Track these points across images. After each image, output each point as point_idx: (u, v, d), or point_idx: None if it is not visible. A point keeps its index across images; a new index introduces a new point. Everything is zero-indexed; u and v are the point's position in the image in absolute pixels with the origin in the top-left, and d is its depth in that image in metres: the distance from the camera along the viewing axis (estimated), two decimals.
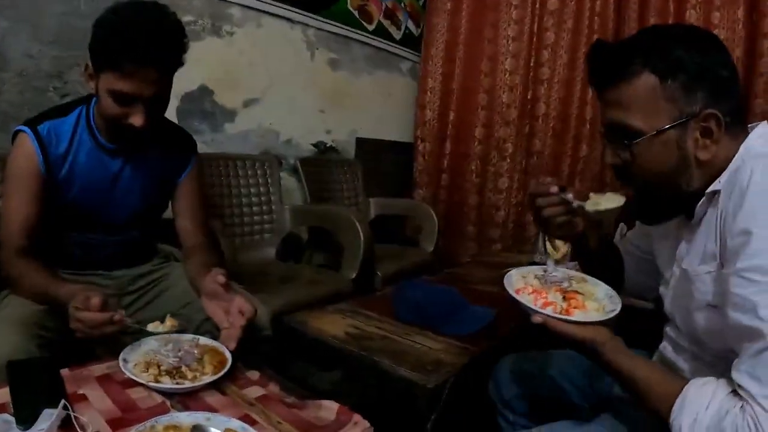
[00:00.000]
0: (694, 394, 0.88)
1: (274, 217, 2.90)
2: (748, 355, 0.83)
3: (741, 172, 0.91)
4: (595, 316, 1.04)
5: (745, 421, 0.79)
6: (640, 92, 0.99)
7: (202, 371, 1.15)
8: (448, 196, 4.14)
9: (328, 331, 1.64)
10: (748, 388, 0.81)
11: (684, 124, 0.97)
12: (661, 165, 1.01)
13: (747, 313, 0.83)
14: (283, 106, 3.21)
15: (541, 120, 3.87)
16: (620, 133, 1.02)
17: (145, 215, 1.62)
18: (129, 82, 1.27)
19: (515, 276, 1.16)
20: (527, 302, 1.05)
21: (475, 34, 4.01)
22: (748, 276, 0.84)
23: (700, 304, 1.01)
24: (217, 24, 2.80)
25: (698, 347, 1.06)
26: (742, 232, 0.86)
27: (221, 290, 1.31)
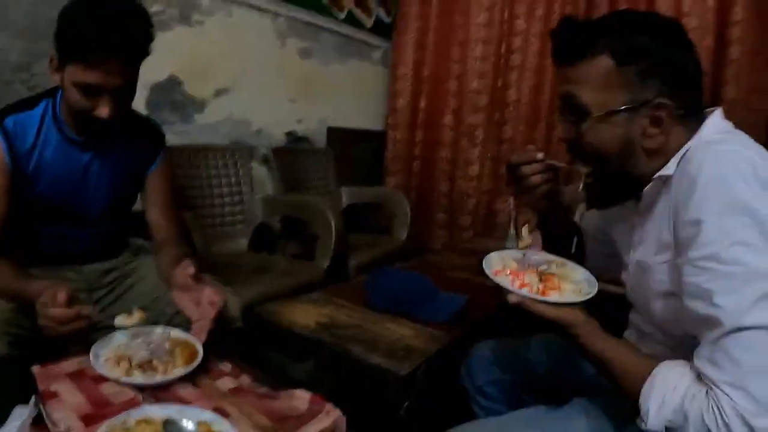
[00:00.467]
0: (663, 377, 0.89)
1: (245, 207, 2.89)
2: (707, 342, 0.85)
3: (691, 160, 0.92)
4: (570, 297, 1.04)
5: (709, 407, 0.81)
6: (596, 73, 1.00)
7: (173, 364, 1.16)
8: (419, 183, 4.14)
9: (299, 321, 1.64)
10: (709, 374, 0.83)
11: (634, 110, 0.98)
12: (606, 146, 1.02)
13: (702, 301, 0.85)
14: (254, 96, 3.19)
15: (512, 107, 3.87)
16: (571, 109, 1.04)
17: (115, 208, 1.61)
18: (94, 73, 1.26)
19: (494, 258, 1.16)
20: (504, 283, 1.04)
21: (446, 21, 4.00)
22: (701, 264, 0.85)
23: (657, 292, 1.03)
24: (186, 13, 2.76)
25: (660, 333, 1.08)
26: (693, 222, 0.87)
27: (191, 282, 1.32)
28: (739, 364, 0.80)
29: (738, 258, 0.82)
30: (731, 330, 0.80)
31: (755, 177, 0.84)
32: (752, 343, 0.80)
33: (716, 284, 0.83)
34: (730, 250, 0.82)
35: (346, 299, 1.84)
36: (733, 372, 0.80)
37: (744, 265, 0.81)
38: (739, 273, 0.82)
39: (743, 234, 0.82)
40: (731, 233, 0.83)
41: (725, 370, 0.81)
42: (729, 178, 0.85)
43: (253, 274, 2.35)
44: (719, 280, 0.83)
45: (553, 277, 1.09)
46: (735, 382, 0.79)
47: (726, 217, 0.84)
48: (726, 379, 0.80)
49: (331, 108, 3.81)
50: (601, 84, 1.00)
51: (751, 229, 0.82)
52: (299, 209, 2.93)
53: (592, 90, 1.00)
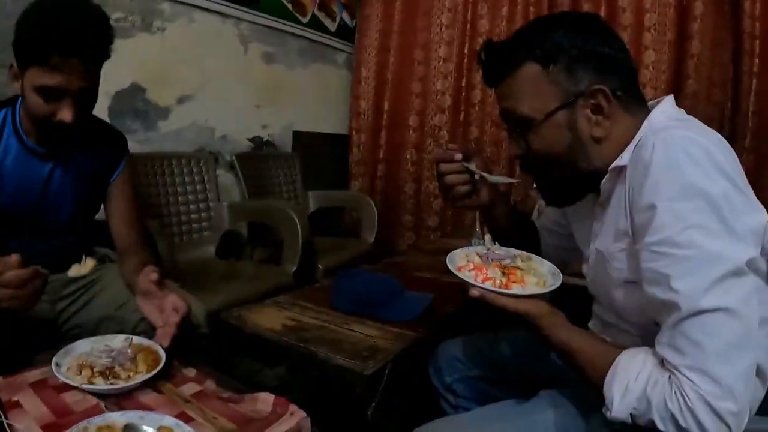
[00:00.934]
0: (625, 364, 0.90)
1: (211, 214, 2.88)
2: (667, 327, 0.85)
3: (644, 147, 0.93)
4: (532, 289, 1.05)
5: (672, 392, 0.82)
6: (526, 81, 1.04)
7: (135, 370, 1.15)
8: (384, 186, 4.15)
9: (265, 324, 1.63)
10: (671, 359, 0.84)
11: (572, 105, 1.01)
12: (555, 148, 1.04)
13: (660, 286, 0.86)
14: (218, 102, 3.18)
15: (477, 107, 3.90)
16: (514, 124, 1.07)
17: (79, 218, 1.60)
18: (55, 76, 1.26)
19: (458, 254, 1.17)
20: (467, 278, 1.05)
21: (409, 23, 4.02)
22: (656, 249, 0.87)
23: (618, 281, 1.04)
24: (148, 20, 2.75)
25: (623, 322, 1.09)
26: (647, 207, 0.88)
27: (155, 288, 1.32)
28: (700, 348, 0.80)
29: (693, 241, 0.83)
30: (690, 314, 0.81)
31: (707, 160, 0.85)
32: (711, 325, 0.81)
33: (673, 268, 0.84)
34: (685, 234, 0.83)
35: (312, 302, 1.84)
36: (693, 356, 0.81)
37: (699, 248, 0.82)
38: (694, 256, 0.83)
39: (697, 217, 0.83)
40: (685, 217, 0.84)
41: (686, 355, 0.82)
42: (680, 162, 0.86)
43: (220, 281, 2.35)
44: (675, 264, 0.84)
45: (517, 270, 1.10)
46: (696, 366, 0.80)
47: (679, 201, 0.85)
48: (687, 363, 0.81)
49: (297, 112, 3.81)
50: (533, 91, 1.03)
51: (705, 212, 0.83)
52: (266, 215, 2.92)
53: (527, 99, 1.04)
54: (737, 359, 0.81)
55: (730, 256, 0.82)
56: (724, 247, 0.82)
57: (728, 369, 0.79)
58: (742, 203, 0.85)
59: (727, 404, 0.78)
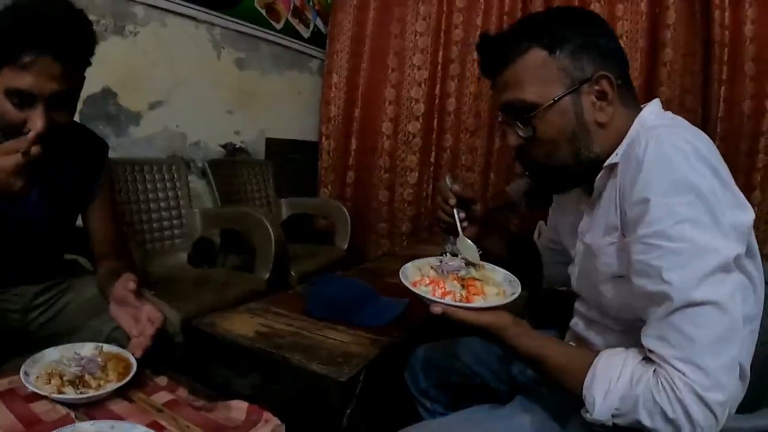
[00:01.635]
0: (604, 366, 0.91)
1: (183, 221, 2.84)
2: (656, 319, 0.86)
3: (636, 144, 0.94)
4: (495, 300, 1.04)
5: (659, 385, 0.82)
6: (532, 66, 1.04)
7: (106, 379, 1.13)
8: (355, 193, 4.14)
9: (237, 331, 1.62)
10: (659, 351, 0.84)
11: (578, 91, 1.02)
12: (561, 133, 1.04)
13: (651, 278, 0.87)
14: (190, 108, 3.16)
15: (452, 115, 3.94)
16: (518, 111, 1.06)
17: (57, 228, 1.57)
18: (27, 76, 1.19)
19: (410, 268, 1.15)
20: (425, 293, 1.04)
21: (382, 30, 4.04)
22: (649, 242, 0.87)
23: (605, 276, 1.05)
24: (120, 23, 2.72)
25: (609, 320, 1.09)
26: (640, 201, 0.89)
27: (131, 297, 1.29)
28: (690, 339, 0.81)
29: (685, 235, 0.84)
30: (681, 305, 0.82)
31: (697, 156, 0.87)
32: (702, 318, 0.82)
33: (665, 260, 0.85)
34: (677, 227, 0.84)
35: (286, 308, 1.83)
36: (683, 347, 0.82)
37: (691, 242, 0.84)
38: (686, 249, 0.84)
39: (689, 211, 0.84)
40: (677, 211, 0.85)
41: (676, 346, 0.82)
42: (672, 157, 0.88)
43: (192, 288, 2.33)
44: (668, 256, 0.85)
45: (476, 281, 1.09)
46: (686, 358, 0.81)
47: (672, 196, 0.86)
48: (677, 355, 0.82)
49: (270, 119, 3.80)
50: (539, 76, 1.04)
51: (697, 206, 0.84)
52: (238, 222, 2.89)
53: (533, 84, 1.04)
54: (724, 352, 0.82)
55: (720, 250, 0.84)
56: (713, 241, 0.84)
57: (716, 361, 0.81)
58: (727, 199, 0.87)
59: (716, 395, 0.79)
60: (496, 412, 1.18)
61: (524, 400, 1.17)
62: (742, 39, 3.24)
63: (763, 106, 3.26)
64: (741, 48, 3.25)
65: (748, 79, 3.27)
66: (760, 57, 3.24)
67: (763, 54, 3.23)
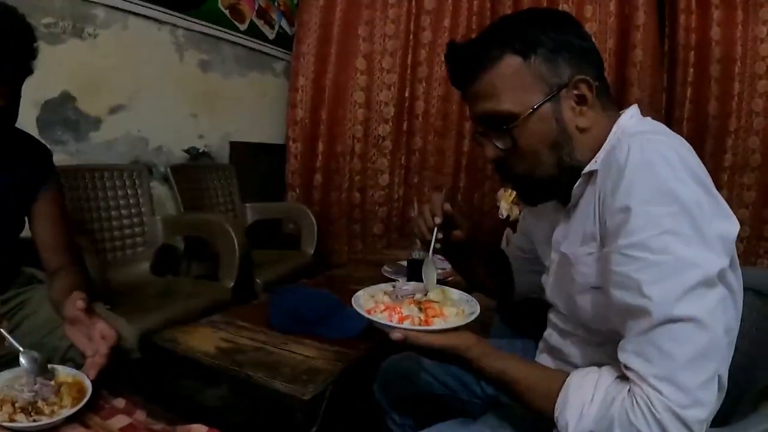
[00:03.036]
0: (577, 387, 0.88)
1: (145, 229, 2.78)
2: (634, 334, 0.83)
3: (617, 151, 0.91)
4: (455, 321, 1.01)
5: (635, 405, 0.80)
6: (507, 75, 1.00)
7: (60, 404, 1.10)
8: (322, 196, 4.11)
9: (198, 347, 1.59)
10: (637, 368, 0.81)
11: (556, 96, 0.99)
12: (543, 142, 1.01)
13: (630, 290, 0.83)
14: (152, 112, 3.09)
15: (421, 117, 3.95)
16: (496, 122, 1.02)
17: (2, 238, 1.52)
18: None
19: (362, 297, 1.12)
20: (382, 320, 1.00)
21: (350, 32, 4.01)
22: (629, 253, 0.84)
23: (582, 287, 1.02)
24: (80, 25, 2.65)
25: (584, 331, 1.07)
26: (621, 210, 0.86)
27: (82, 315, 1.25)
28: (669, 357, 0.79)
29: (667, 247, 0.81)
30: (661, 321, 0.80)
31: (682, 165, 0.85)
32: (682, 335, 0.79)
33: (645, 273, 0.82)
34: (659, 239, 0.82)
35: (250, 321, 1.80)
36: (662, 365, 0.79)
37: (673, 255, 0.81)
38: (668, 262, 0.81)
39: (672, 223, 0.82)
40: (660, 222, 0.82)
41: (654, 363, 0.80)
42: (656, 165, 0.85)
43: (156, 299, 2.28)
44: (648, 269, 0.82)
45: (433, 304, 1.06)
46: (664, 375, 0.78)
47: (654, 205, 0.83)
48: (655, 372, 0.79)
49: (234, 122, 3.75)
50: (515, 85, 1.00)
51: (680, 218, 0.82)
52: (201, 228, 2.85)
53: (510, 94, 1.00)
54: (704, 369, 0.79)
55: (702, 265, 0.81)
56: (696, 255, 0.81)
57: (696, 378, 0.78)
58: (712, 209, 0.84)
59: (694, 412, 0.77)
60: (465, 428, 1.15)
61: (495, 417, 1.16)
62: (708, 41, 3.31)
63: (728, 106, 3.33)
64: (706, 50, 3.32)
65: (713, 81, 3.34)
66: (726, 59, 3.31)
67: (728, 56, 3.30)
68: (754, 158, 3.33)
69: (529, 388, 0.95)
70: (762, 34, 3.24)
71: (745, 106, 3.31)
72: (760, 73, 3.27)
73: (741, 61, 3.28)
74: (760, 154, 3.31)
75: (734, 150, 3.35)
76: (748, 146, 3.33)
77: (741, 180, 3.36)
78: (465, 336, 0.98)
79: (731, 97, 3.31)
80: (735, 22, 3.27)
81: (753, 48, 3.26)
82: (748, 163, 3.34)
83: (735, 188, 3.38)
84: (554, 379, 0.93)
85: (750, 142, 3.32)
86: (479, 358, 0.98)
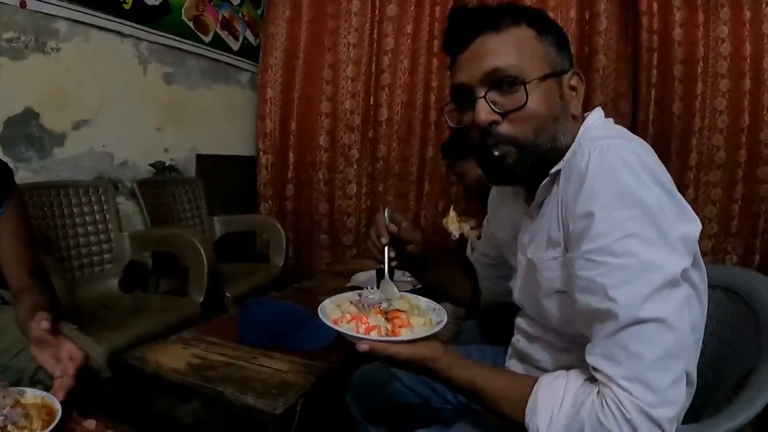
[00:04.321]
0: (545, 393, 0.89)
1: (113, 245, 2.75)
2: (601, 337, 0.84)
3: (578, 155, 0.92)
4: (423, 331, 0.99)
5: (605, 407, 0.80)
6: (523, 40, 1.01)
7: (30, 428, 1.09)
8: (295, 206, 4.12)
9: (168, 364, 1.58)
10: (606, 370, 0.82)
11: (560, 77, 1.03)
12: (549, 110, 1.01)
13: (596, 295, 0.84)
14: (117, 126, 3.06)
15: (384, 125, 3.95)
16: (507, 78, 1.00)
17: None
18: None
19: (328, 306, 1.10)
20: (349, 331, 0.98)
21: (315, 42, 4.02)
22: (593, 258, 0.85)
23: (548, 291, 1.02)
24: (42, 40, 2.62)
25: (552, 335, 1.07)
26: (584, 215, 0.87)
27: (48, 336, 1.24)
28: (637, 357, 0.80)
29: (631, 250, 0.82)
30: (627, 323, 0.80)
31: (643, 169, 0.85)
32: (649, 336, 0.80)
33: (609, 277, 0.83)
34: (623, 243, 0.82)
35: (219, 336, 1.79)
36: (630, 366, 0.80)
37: (636, 257, 0.82)
38: (632, 265, 0.82)
39: (634, 226, 0.83)
40: (622, 225, 0.83)
41: (622, 365, 0.80)
42: (617, 170, 0.86)
43: (125, 316, 2.26)
44: (613, 272, 0.83)
45: (400, 313, 1.04)
46: (633, 376, 0.79)
47: (616, 210, 0.84)
48: (624, 374, 0.80)
49: (200, 135, 3.72)
50: (529, 50, 1.01)
51: (642, 221, 0.83)
52: (169, 244, 2.82)
53: (524, 56, 1.00)
54: (672, 368, 0.81)
55: (666, 266, 0.82)
56: (660, 256, 0.82)
57: (664, 378, 0.80)
58: (674, 211, 0.86)
59: (664, 411, 0.78)
60: None
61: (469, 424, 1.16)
62: (671, 43, 3.37)
63: (692, 106, 3.39)
64: (670, 52, 3.38)
65: (676, 82, 3.39)
66: (689, 59, 3.37)
67: (691, 56, 3.36)
68: (719, 156, 3.38)
69: (497, 396, 0.95)
70: (723, 33, 3.30)
71: (709, 105, 3.37)
72: (722, 73, 3.33)
73: (703, 61, 3.35)
74: (724, 152, 3.37)
75: (699, 149, 3.40)
76: (713, 144, 3.38)
77: (707, 178, 3.42)
78: (432, 346, 0.97)
79: (695, 96, 3.37)
80: (696, 23, 3.33)
81: (715, 48, 3.33)
82: (713, 161, 3.39)
83: (701, 186, 3.43)
84: (523, 386, 0.93)
85: (714, 140, 3.38)
86: (447, 368, 0.97)
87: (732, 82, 3.33)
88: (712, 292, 1.05)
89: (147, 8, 3.18)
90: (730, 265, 3.30)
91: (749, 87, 3.31)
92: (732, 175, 3.39)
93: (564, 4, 3.47)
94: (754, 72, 3.30)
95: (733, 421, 0.97)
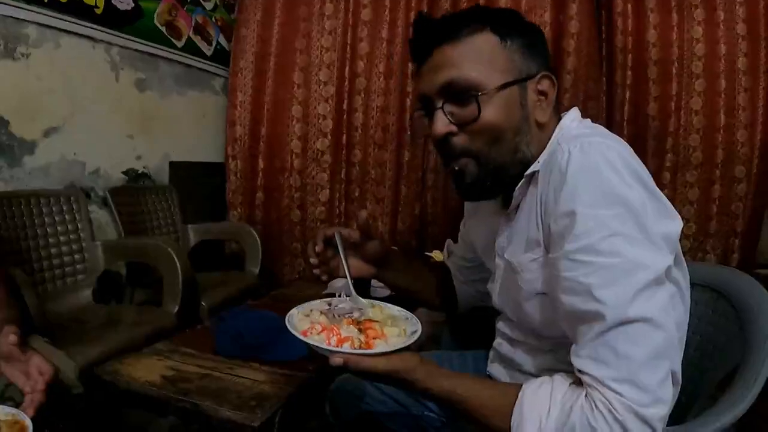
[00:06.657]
0: (531, 401, 0.87)
1: (85, 256, 2.69)
2: (588, 339, 0.83)
3: (557, 153, 0.92)
4: (398, 342, 0.95)
5: (595, 409, 0.79)
6: (483, 48, 1.00)
7: None
8: (265, 214, 4.06)
9: (142, 377, 1.55)
10: (593, 372, 0.81)
11: (524, 84, 1.01)
12: (506, 122, 1.00)
13: (581, 295, 0.83)
14: (88, 134, 3.00)
15: (360, 129, 3.92)
16: (462, 91, 1.00)
17: None
18: None
19: (296, 316, 1.05)
20: (320, 343, 0.93)
21: (287, 45, 3.97)
22: (577, 257, 0.84)
23: (529, 294, 1.02)
24: (11, 45, 2.56)
25: (534, 338, 1.07)
26: (566, 214, 0.86)
27: (16, 351, 1.22)
28: (626, 358, 0.79)
29: (616, 249, 0.82)
30: (614, 324, 0.80)
31: (625, 166, 0.85)
32: (637, 335, 0.79)
33: (595, 277, 0.82)
34: (607, 242, 0.82)
35: (195, 347, 1.77)
36: (619, 367, 0.79)
37: (622, 257, 0.81)
38: (618, 265, 0.81)
39: (618, 225, 0.82)
40: (607, 224, 0.82)
41: (611, 366, 0.80)
42: (600, 167, 0.85)
43: (99, 329, 2.20)
44: (598, 272, 0.82)
45: (373, 324, 1.01)
46: (622, 377, 0.79)
47: (600, 208, 0.83)
48: (613, 375, 0.79)
49: (173, 142, 3.66)
50: (489, 59, 1.00)
51: (626, 219, 0.82)
52: (143, 253, 2.77)
53: (482, 65, 1.00)
54: (661, 367, 0.80)
55: (651, 265, 0.82)
56: (645, 255, 0.82)
57: (654, 376, 0.79)
58: (655, 209, 0.86)
59: (655, 410, 0.78)
60: None
61: None
62: (645, 44, 3.40)
63: (667, 107, 3.42)
64: (644, 53, 3.41)
65: (651, 82, 3.43)
66: (663, 60, 3.40)
67: (665, 57, 3.40)
68: (695, 156, 3.41)
69: (481, 406, 0.92)
70: (697, 34, 3.34)
71: (684, 105, 3.40)
72: (697, 73, 3.37)
73: (678, 62, 3.38)
74: (701, 152, 3.40)
75: (675, 149, 3.44)
76: (689, 144, 3.42)
77: (684, 178, 3.45)
78: (408, 358, 0.94)
79: (670, 97, 3.41)
80: (671, 24, 3.37)
81: (689, 49, 3.36)
82: (689, 161, 3.43)
83: (678, 187, 3.46)
84: (506, 395, 0.91)
85: (690, 140, 3.41)
86: (424, 379, 0.93)
87: (707, 82, 3.38)
88: (694, 290, 1.06)
89: (119, 13, 3.13)
90: (711, 263, 3.34)
91: (724, 87, 3.35)
92: (709, 174, 3.43)
93: (538, 7, 3.48)
94: (728, 72, 3.34)
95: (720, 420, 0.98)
